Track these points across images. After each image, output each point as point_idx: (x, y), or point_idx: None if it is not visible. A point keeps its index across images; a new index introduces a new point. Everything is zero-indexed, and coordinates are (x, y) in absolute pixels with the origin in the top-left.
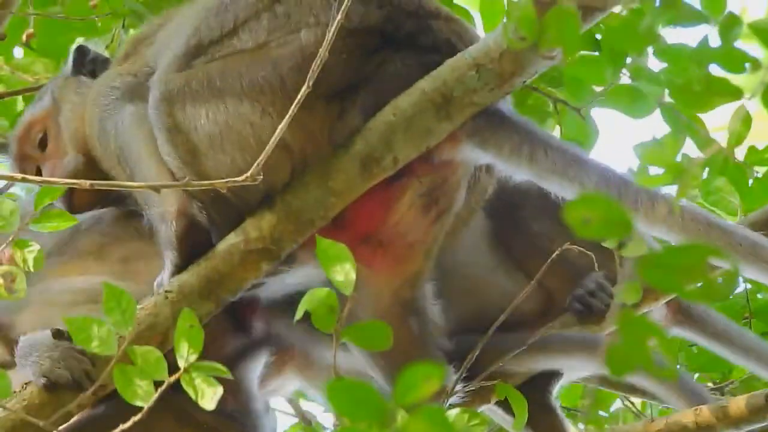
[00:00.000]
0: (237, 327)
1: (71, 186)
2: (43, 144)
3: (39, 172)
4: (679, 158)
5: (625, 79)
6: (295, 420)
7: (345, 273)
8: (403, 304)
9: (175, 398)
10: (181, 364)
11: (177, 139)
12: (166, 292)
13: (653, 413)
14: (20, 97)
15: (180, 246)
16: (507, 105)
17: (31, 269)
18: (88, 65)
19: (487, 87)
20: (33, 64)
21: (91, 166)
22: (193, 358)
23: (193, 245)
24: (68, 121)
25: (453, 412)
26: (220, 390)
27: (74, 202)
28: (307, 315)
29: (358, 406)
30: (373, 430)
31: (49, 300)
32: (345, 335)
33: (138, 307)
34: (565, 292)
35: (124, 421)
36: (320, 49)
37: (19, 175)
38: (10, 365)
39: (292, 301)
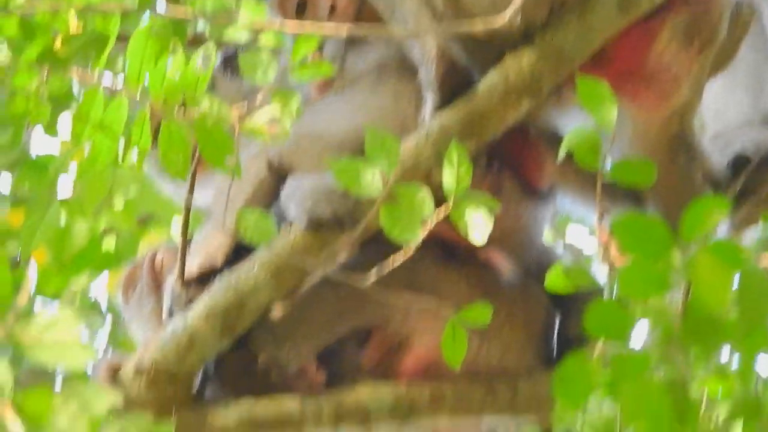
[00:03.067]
0: (523, 185)
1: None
2: None
3: (302, 6)
4: None
5: None
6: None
7: (606, 111)
8: (671, 139)
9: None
10: (450, 197)
11: None
12: (427, 131)
13: None
14: None
15: (440, 87)
16: None
17: (294, 117)
18: None
19: None
20: None
21: None
22: (461, 190)
23: (453, 85)
24: None
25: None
26: (490, 223)
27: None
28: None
29: (644, 242)
30: (659, 265)
31: (321, 140)
32: (609, 173)
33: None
34: None
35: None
36: None
37: (276, 21)
38: None
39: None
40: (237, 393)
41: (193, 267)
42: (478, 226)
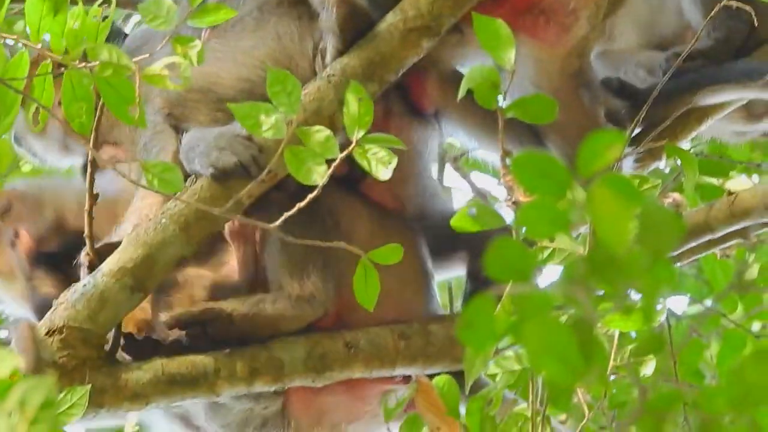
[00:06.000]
0: (409, 108)
1: None
2: None
3: None
4: None
5: None
6: (470, 195)
7: (504, 48)
8: (572, 76)
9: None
10: (353, 137)
11: None
12: (329, 75)
13: None
14: None
15: (341, 30)
16: None
17: (194, 64)
18: None
19: None
20: None
21: None
22: (363, 131)
23: (355, 29)
24: None
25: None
26: (394, 161)
27: None
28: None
29: (543, 179)
30: (559, 203)
31: (210, 92)
32: (509, 110)
33: (303, 92)
34: None
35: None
36: None
37: None
38: None
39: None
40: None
41: (127, 228)
42: (382, 164)
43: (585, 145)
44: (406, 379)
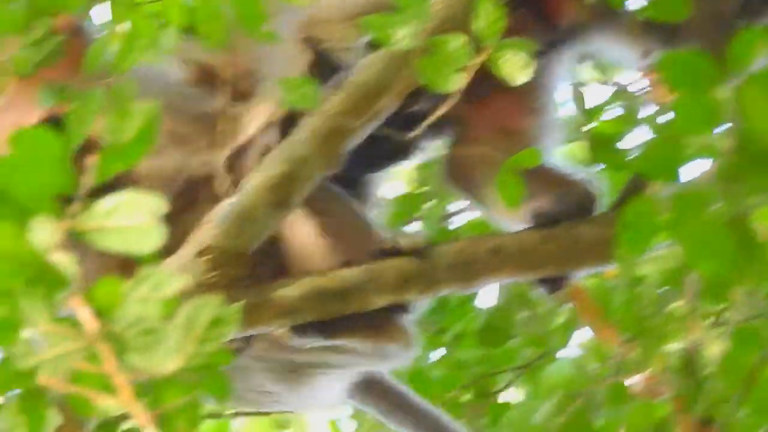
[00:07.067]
0: (542, 19)
1: None
2: None
3: None
4: None
5: None
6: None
7: None
8: None
9: None
10: (486, 45)
11: None
12: None
13: None
14: None
15: None
16: None
17: None
18: None
19: None
20: None
21: None
22: (497, 36)
23: None
24: None
25: None
26: (532, 65)
27: None
28: None
29: (692, 77)
30: (709, 99)
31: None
32: (644, 12)
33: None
34: None
35: None
36: None
37: None
38: None
39: None
40: None
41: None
42: (517, 69)
43: (735, 41)
44: None
